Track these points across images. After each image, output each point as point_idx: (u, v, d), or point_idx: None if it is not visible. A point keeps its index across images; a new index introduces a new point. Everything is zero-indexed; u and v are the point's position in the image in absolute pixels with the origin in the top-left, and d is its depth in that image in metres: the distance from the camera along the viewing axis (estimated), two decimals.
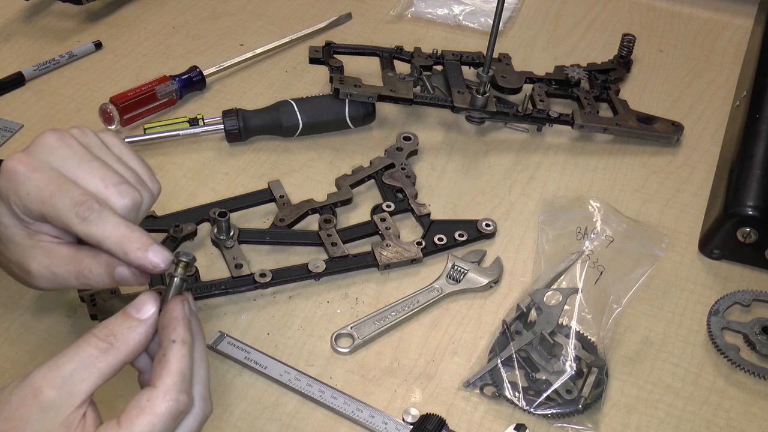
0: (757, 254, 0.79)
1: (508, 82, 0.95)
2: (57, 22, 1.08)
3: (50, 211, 0.52)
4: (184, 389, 0.47)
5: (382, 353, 0.71)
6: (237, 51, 1.03)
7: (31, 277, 0.55)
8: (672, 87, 1.03)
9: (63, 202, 0.51)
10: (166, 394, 0.46)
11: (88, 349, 0.46)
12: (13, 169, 0.52)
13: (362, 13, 1.12)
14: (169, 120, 0.91)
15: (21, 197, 0.52)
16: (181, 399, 0.46)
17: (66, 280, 0.54)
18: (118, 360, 0.47)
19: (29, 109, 0.94)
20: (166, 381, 0.46)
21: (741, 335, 0.73)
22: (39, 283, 0.55)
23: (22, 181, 0.52)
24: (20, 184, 0.52)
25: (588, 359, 0.69)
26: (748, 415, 0.68)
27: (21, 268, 0.56)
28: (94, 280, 0.54)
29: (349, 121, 0.92)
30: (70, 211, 0.51)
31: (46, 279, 0.55)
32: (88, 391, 0.46)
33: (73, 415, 0.45)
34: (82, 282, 0.54)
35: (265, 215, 0.83)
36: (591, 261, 0.76)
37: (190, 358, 0.48)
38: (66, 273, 0.54)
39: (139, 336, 0.48)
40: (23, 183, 0.52)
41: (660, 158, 0.92)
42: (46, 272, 0.54)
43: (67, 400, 0.45)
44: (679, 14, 1.16)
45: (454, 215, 0.84)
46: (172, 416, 0.46)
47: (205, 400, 0.49)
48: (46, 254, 0.55)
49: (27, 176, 0.52)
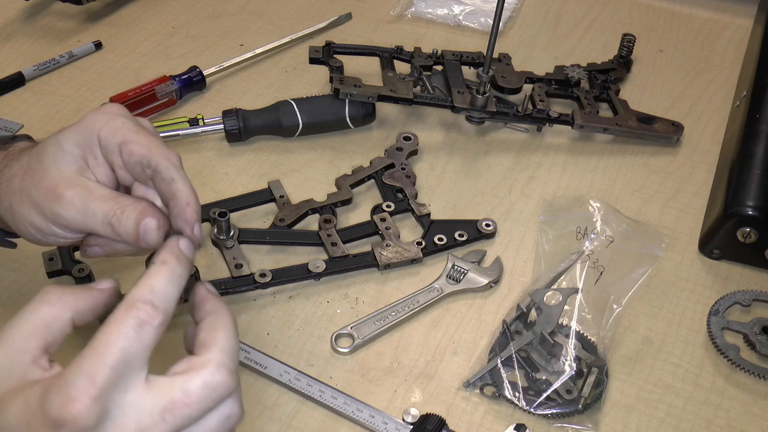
0: (757, 254, 0.79)
1: (508, 82, 0.95)
2: (57, 22, 1.08)
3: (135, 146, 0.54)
4: (148, 300, 0.44)
5: (382, 353, 0.71)
6: (237, 51, 1.03)
7: (61, 203, 0.54)
8: (672, 87, 1.03)
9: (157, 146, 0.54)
10: (126, 304, 0.44)
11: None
12: (114, 110, 0.56)
13: (362, 13, 1.12)
14: (169, 120, 0.91)
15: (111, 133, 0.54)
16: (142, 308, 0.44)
17: (92, 219, 0.54)
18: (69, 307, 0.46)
19: (29, 109, 0.94)
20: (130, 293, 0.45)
21: (741, 335, 0.73)
22: (64, 212, 0.54)
23: (119, 120, 0.55)
24: (117, 119, 0.55)
25: (588, 359, 0.69)
26: (748, 415, 0.68)
27: (52, 193, 0.54)
28: (122, 224, 0.53)
29: (349, 121, 0.92)
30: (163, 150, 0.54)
31: (75, 209, 0.54)
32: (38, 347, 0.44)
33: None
34: (108, 224, 0.54)
35: (265, 215, 0.83)
36: (591, 261, 0.76)
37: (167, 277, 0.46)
38: (98, 209, 0.54)
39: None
40: (120, 119, 0.55)
41: (660, 158, 0.92)
42: (80, 202, 0.54)
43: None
44: (679, 14, 1.16)
45: (454, 215, 0.84)
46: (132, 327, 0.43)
47: (217, 366, 0.46)
48: (86, 188, 0.55)
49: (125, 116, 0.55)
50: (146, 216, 0.53)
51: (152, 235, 0.53)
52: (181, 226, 0.53)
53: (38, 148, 0.56)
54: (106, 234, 0.54)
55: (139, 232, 0.53)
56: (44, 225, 0.55)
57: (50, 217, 0.55)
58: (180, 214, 0.53)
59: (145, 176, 0.55)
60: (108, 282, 0.49)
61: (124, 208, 0.53)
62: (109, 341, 0.42)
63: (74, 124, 0.56)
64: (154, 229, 0.53)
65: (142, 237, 0.53)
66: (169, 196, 0.54)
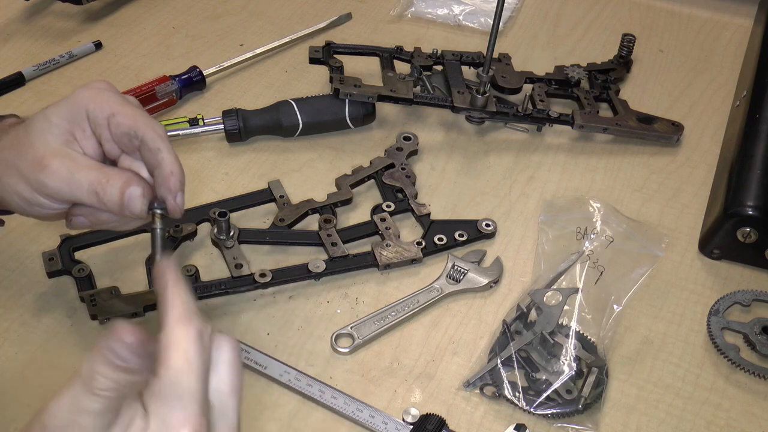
0: (757, 254, 0.79)
1: (508, 82, 0.95)
2: (57, 22, 1.08)
3: (122, 118, 0.56)
4: (194, 311, 0.44)
5: (382, 353, 0.71)
6: (237, 51, 1.03)
7: (47, 173, 0.55)
8: (672, 87, 1.03)
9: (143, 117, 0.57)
10: (180, 322, 0.44)
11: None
12: (101, 86, 0.58)
13: (362, 13, 1.12)
14: (169, 120, 0.91)
15: (99, 106, 0.56)
16: (195, 320, 0.44)
17: (77, 188, 0.55)
18: None
19: (29, 109, 0.94)
20: (173, 314, 0.44)
21: (741, 335, 0.73)
22: (50, 181, 0.55)
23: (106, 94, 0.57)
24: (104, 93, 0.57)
25: (588, 359, 0.69)
26: (748, 415, 0.68)
27: (38, 164, 0.55)
28: (107, 192, 0.55)
29: (349, 121, 0.92)
30: (149, 120, 0.56)
31: (60, 178, 0.55)
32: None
33: None
34: (93, 192, 0.55)
35: (265, 215, 0.83)
36: (591, 261, 0.76)
37: (187, 290, 0.46)
38: (83, 178, 0.55)
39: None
40: (107, 93, 0.57)
41: (660, 158, 0.92)
42: (65, 172, 0.55)
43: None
44: (679, 14, 1.16)
45: (454, 215, 0.84)
46: (197, 339, 0.43)
47: (222, 332, 0.47)
48: (72, 159, 0.56)
49: (112, 91, 0.58)
50: (131, 185, 0.55)
51: (136, 203, 0.55)
52: (165, 194, 0.56)
53: (26, 123, 0.58)
54: (91, 203, 0.56)
55: (124, 200, 0.55)
56: (30, 195, 0.56)
57: (36, 186, 0.56)
58: (164, 182, 0.55)
59: (132, 147, 0.56)
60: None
61: (109, 177, 0.55)
62: (188, 357, 0.42)
63: (63, 100, 0.58)
64: (139, 197, 0.55)
65: (127, 205, 0.55)
66: (155, 164, 0.56)
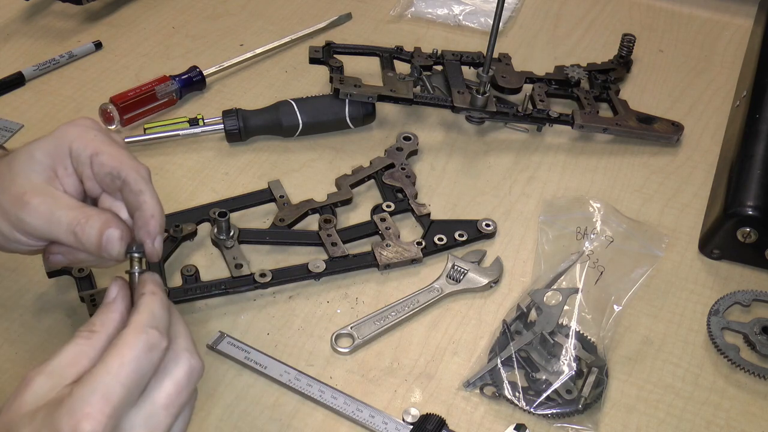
0: (757, 254, 0.79)
1: (508, 82, 0.95)
2: (57, 22, 1.08)
3: (106, 158, 0.56)
4: (154, 325, 0.47)
5: (382, 353, 0.71)
6: (237, 51, 1.03)
7: (27, 210, 0.55)
8: (672, 87, 1.03)
9: (128, 158, 0.56)
10: (135, 329, 0.47)
11: (75, 341, 0.48)
12: (87, 123, 0.58)
13: (362, 13, 1.12)
14: (169, 120, 0.91)
15: (83, 144, 0.56)
16: (151, 333, 0.47)
17: (56, 226, 0.55)
18: (101, 342, 0.48)
19: (29, 109, 0.94)
20: (135, 319, 0.48)
21: (741, 335, 0.73)
22: (29, 218, 0.55)
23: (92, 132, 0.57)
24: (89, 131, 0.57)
25: (588, 359, 0.69)
26: (748, 415, 0.68)
27: (19, 200, 0.55)
28: (85, 233, 0.54)
29: (349, 121, 0.92)
30: (133, 162, 0.56)
31: (40, 216, 0.55)
32: (78, 373, 0.47)
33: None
34: (72, 232, 0.55)
35: (265, 215, 0.83)
36: (591, 261, 0.76)
37: (160, 304, 0.49)
38: (63, 217, 0.55)
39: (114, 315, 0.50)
40: (92, 131, 0.57)
41: (660, 158, 0.92)
42: (45, 210, 0.55)
43: (58, 382, 0.46)
44: (679, 14, 1.16)
45: (454, 215, 0.84)
46: (143, 350, 0.46)
47: (191, 352, 0.49)
48: (53, 197, 0.56)
49: (97, 129, 0.57)
50: (110, 226, 0.54)
51: (114, 245, 0.54)
52: (143, 237, 0.55)
53: (9, 157, 0.57)
54: (69, 242, 0.55)
55: (102, 241, 0.54)
56: (8, 231, 0.56)
57: (15, 223, 0.55)
58: (144, 226, 0.55)
59: (114, 187, 0.56)
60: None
61: (88, 218, 0.55)
62: (123, 361, 0.45)
63: (47, 136, 0.57)
64: (117, 239, 0.54)
65: (104, 247, 0.54)
66: (136, 206, 0.55)
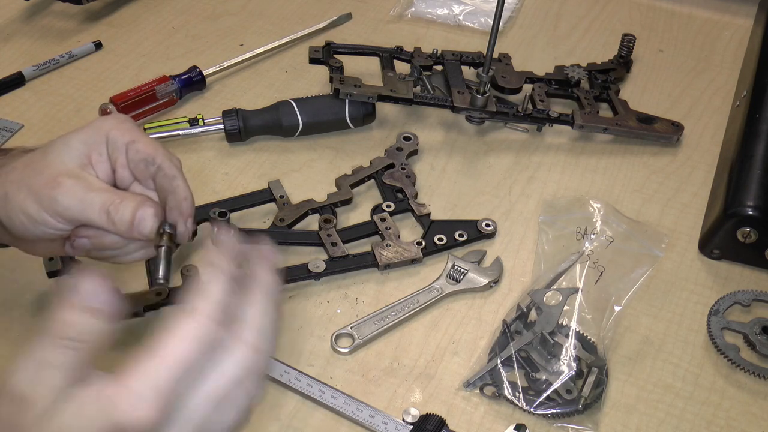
0: (757, 254, 0.79)
1: (508, 82, 0.95)
2: (57, 22, 1.08)
3: (142, 145, 0.58)
4: (215, 318, 0.42)
5: (382, 353, 0.71)
6: (237, 51, 1.03)
7: (60, 190, 0.56)
8: (672, 87, 1.03)
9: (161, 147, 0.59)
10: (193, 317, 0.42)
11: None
12: (124, 117, 0.61)
13: (362, 13, 1.12)
14: (169, 120, 0.91)
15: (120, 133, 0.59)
16: (211, 326, 0.42)
17: (89, 207, 0.56)
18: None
19: (29, 109, 0.94)
20: (191, 306, 0.42)
21: (741, 335, 0.73)
22: (62, 198, 0.56)
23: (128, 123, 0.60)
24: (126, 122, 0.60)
25: (588, 359, 0.69)
26: (748, 415, 0.68)
27: (53, 181, 0.56)
28: (119, 212, 0.56)
29: (349, 121, 0.92)
30: (166, 151, 0.59)
31: (74, 196, 0.56)
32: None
33: None
34: (105, 212, 0.56)
35: (265, 215, 0.83)
36: (591, 261, 0.76)
37: (221, 287, 0.43)
38: (96, 198, 0.56)
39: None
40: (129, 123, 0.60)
41: (660, 158, 0.92)
42: (79, 191, 0.56)
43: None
44: (679, 14, 1.16)
45: (454, 215, 0.84)
46: (194, 341, 0.41)
47: (254, 349, 0.44)
48: (85, 182, 0.57)
49: (133, 123, 0.61)
50: (144, 206, 0.57)
51: (148, 222, 0.56)
52: (176, 218, 0.57)
53: (45, 146, 0.59)
54: (100, 223, 0.57)
55: (135, 219, 0.56)
56: (37, 212, 0.57)
57: (47, 203, 0.56)
58: (176, 206, 0.57)
59: (148, 173, 0.58)
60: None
61: (122, 198, 0.57)
62: (176, 351, 0.41)
63: (84, 126, 0.60)
64: (151, 216, 0.56)
65: (137, 225, 0.56)
66: (169, 190, 0.58)
